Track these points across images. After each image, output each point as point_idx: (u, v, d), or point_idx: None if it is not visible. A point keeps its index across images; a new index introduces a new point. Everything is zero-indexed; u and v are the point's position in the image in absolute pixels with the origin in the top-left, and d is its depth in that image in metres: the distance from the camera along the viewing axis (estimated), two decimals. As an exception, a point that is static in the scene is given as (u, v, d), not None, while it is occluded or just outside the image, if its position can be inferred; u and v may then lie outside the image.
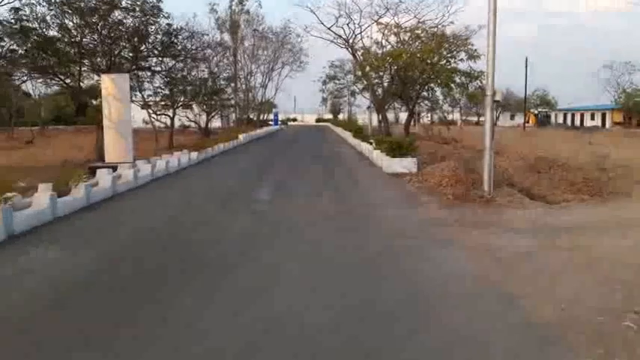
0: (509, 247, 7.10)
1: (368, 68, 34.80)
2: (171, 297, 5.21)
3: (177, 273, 6.05)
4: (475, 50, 31.93)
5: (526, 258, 6.59)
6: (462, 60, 32.44)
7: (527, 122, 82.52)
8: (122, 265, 6.42)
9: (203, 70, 35.21)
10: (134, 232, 8.37)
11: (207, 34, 38.96)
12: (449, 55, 32.83)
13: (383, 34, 35.49)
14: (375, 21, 37.19)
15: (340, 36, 41.72)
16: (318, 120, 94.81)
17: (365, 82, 37.67)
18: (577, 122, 79.07)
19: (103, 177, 11.58)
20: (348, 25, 40.75)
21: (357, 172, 16.82)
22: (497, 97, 10.67)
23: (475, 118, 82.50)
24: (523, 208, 10.07)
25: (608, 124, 69.47)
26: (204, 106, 34.13)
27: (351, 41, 41.33)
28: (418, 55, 31.03)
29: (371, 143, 22.86)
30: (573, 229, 8.40)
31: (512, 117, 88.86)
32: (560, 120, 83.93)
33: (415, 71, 34.18)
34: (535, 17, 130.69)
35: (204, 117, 35.09)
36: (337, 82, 51.41)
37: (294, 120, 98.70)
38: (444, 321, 4.63)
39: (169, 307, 4.94)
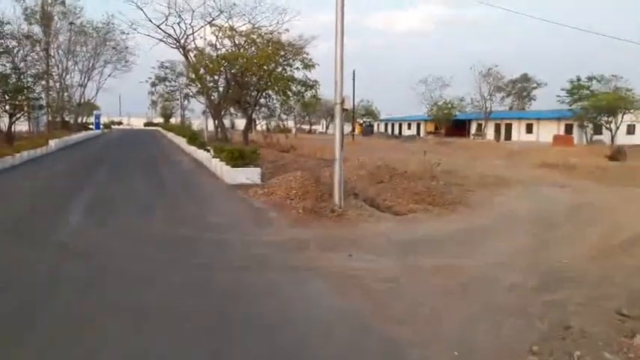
0: (374, 273, 6.28)
1: (202, 71, 32.90)
2: None
3: None
4: (310, 60, 32.25)
5: (397, 287, 5.81)
6: (297, 69, 32.46)
7: (354, 131, 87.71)
8: None
9: (4, 65, 29.92)
10: None
11: (10, 24, 33.52)
12: (285, 63, 32.59)
13: (217, 36, 34.02)
14: (209, 22, 35.58)
15: (170, 35, 39.13)
16: (147, 124, 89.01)
17: (199, 86, 35.66)
18: (396, 131, 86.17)
19: None
20: (179, 24, 38.38)
21: (195, 184, 15.04)
22: (346, 106, 10.03)
23: (308, 127, 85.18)
24: (375, 222, 9.53)
25: (422, 133, 76.85)
26: (6, 107, 28.86)
27: (182, 42, 38.99)
28: (255, 60, 30.17)
29: (208, 150, 21.20)
30: (431, 244, 8.00)
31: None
32: (382, 129, 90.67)
33: (252, 77, 33.31)
34: (362, 33, 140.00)
35: (6, 119, 29.66)
36: (168, 84, 48.31)
37: (120, 123, 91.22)
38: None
39: None
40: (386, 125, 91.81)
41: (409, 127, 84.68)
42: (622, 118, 44.19)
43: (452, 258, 7.05)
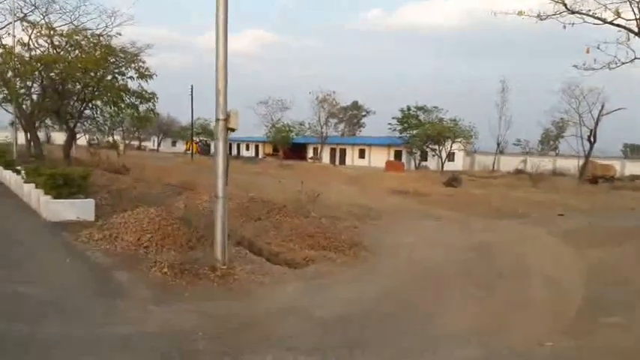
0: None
1: (10, 74, 26.78)
2: None
3: None
4: (147, 69, 28.24)
5: None
6: (131, 78, 28.18)
7: (188, 149, 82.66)
8: None
9: None
10: None
11: None
12: (116, 71, 28.10)
13: (29, 36, 28.13)
14: (20, 19, 29.44)
15: (-33, 30, 31.69)
16: None
17: (6, 92, 29.09)
18: (234, 152, 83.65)
19: None
20: (-21, 18, 31.37)
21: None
22: (232, 124, 7.36)
23: (137, 143, 78.27)
24: (275, 283, 7.05)
25: (260, 155, 75.57)
26: None
27: (-16, 39, 31.87)
28: (79, 64, 25.32)
29: (19, 172, 16.44)
30: (365, 323, 5.80)
31: (173, 143, 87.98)
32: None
33: (75, 84, 28.10)
34: (193, 50, 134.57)
35: None
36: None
37: None
38: None
39: None
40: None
41: (247, 148, 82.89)
42: (451, 146, 47.87)
43: (411, 353, 4.93)
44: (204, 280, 6.80)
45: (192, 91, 60.14)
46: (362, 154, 66.43)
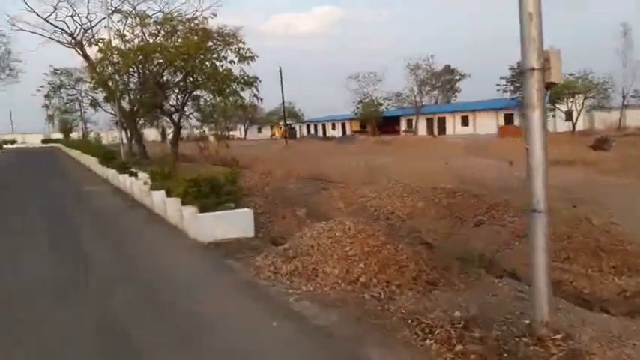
0: None
1: (110, 69, 25.37)
2: None
3: None
4: (248, 49, 25.70)
5: None
6: (232, 62, 25.77)
7: (274, 135, 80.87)
8: None
9: None
10: None
11: None
12: (214, 57, 25.78)
13: (121, 30, 26.71)
14: (113, 11, 28.12)
15: (64, 30, 31.20)
16: (45, 141, 78.46)
17: (105, 92, 28.04)
18: (319, 132, 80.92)
19: None
20: (72, 17, 30.80)
21: (140, 250, 8.22)
22: (554, 77, 4.14)
23: (225, 133, 77.71)
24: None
25: (348, 133, 71.92)
26: None
27: (79, 38, 31.23)
28: (182, 50, 23.27)
29: (134, 175, 14.48)
30: None
31: (259, 130, 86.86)
32: (305, 132, 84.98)
33: (176, 74, 26.33)
34: (258, 36, 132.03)
35: None
36: (65, 91, 39.28)
37: (13, 142, 79.86)
38: None
39: None
40: (308, 127, 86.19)
41: (333, 128, 79.73)
42: (582, 103, 41.88)
43: None
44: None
45: (280, 73, 57.58)
46: (465, 122, 61.11)
